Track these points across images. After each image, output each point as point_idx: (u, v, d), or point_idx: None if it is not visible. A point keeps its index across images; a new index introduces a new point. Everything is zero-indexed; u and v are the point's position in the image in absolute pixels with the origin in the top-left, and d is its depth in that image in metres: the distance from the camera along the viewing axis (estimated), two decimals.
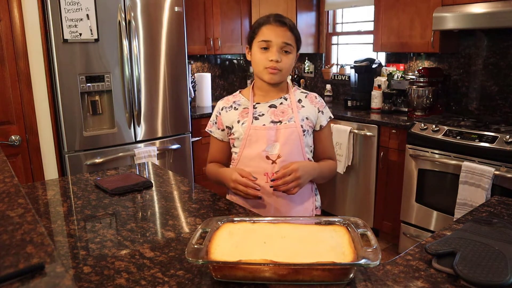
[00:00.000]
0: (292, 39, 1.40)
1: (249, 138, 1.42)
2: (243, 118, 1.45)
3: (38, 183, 1.65)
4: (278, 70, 1.39)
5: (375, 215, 3.17)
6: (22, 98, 2.57)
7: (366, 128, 3.09)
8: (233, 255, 0.91)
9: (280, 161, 1.40)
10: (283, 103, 1.47)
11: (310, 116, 1.46)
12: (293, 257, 0.91)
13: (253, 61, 1.44)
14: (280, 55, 1.38)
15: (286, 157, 1.41)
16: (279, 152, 1.41)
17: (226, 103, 1.54)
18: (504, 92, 2.94)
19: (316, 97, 1.52)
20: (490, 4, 2.50)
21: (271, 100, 1.47)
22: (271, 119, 1.43)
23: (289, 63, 1.41)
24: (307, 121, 1.45)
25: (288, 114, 1.44)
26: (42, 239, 0.69)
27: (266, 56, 1.38)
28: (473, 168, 2.40)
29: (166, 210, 1.38)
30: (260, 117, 1.44)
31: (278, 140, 1.41)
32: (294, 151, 1.42)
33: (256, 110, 1.46)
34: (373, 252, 0.88)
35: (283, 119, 1.43)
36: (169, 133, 3.15)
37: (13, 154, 2.59)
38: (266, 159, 1.41)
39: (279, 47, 1.38)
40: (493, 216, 1.24)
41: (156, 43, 2.97)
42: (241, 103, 1.50)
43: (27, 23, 2.52)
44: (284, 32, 1.38)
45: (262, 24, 1.41)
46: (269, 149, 1.41)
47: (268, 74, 1.40)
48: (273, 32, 1.38)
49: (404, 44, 3.12)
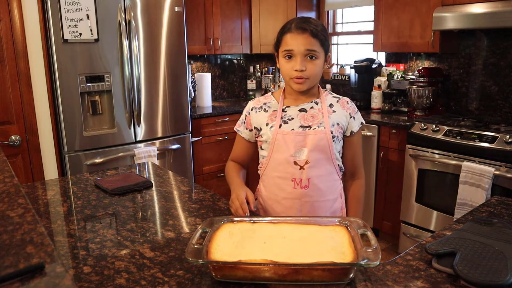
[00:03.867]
0: (317, 44, 1.34)
1: (276, 142, 1.40)
2: (272, 121, 1.42)
3: (38, 183, 1.66)
4: (305, 78, 1.35)
5: (375, 215, 3.17)
6: (22, 98, 2.57)
7: (366, 128, 3.09)
8: (233, 255, 0.91)
9: (308, 167, 1.38)
10: (313, 107, 1.43)
11: (341, 121, 1.43)
12: (293, 257, 0.91)
13: (281, 70, 1.41)
14: (304, 63, 1.34)
15: (314, 163, 1.38)
16: (307, 158, 1.38)
17: (256, 104, 1.50)
18: (504, 92, 2.94)
19: (348, 102, 1.48)
20: (490, 4, 2.50)
21: (301, 104, 1.44)
22: (301, 123, 1.40)
23: (316, 70, 1.36)
24: (338, 126, 1.41)
25: (318, 119, 1.40)
26: (42, 239, 0.69)
27: (291, 66, 1.35)
28: (473, 168, 2.40)
29: (166, 210, 1.38)
30: (290, 121, 1.41)
31: (306, 145, 1.38)
32: (323, 157, 1.39)
33: (285, 113, 1.43)
34: (373, 252, 0.88)
35: (313, 124, 1.39)
36: (169, 133, 3.15)
37: (13, 154, 2.59)
38: (294, 164, 1.38)
39: (303, 55, 1.33)
40: (493, 216, 1.24)
41: (156, 43, 2.97)
42: (272, 106, 1.46)
43: (27, 23, 2.52)
44: (306, 39, 1.33)
45: (284, 33, 1.37)
46: (297, 155, 1.38)
47: (295, 84, 1.37)
48: (294, 40, 1.33)
49: (404, 44, 3.12)
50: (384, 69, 3.52)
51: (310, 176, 1.38)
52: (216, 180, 3.57)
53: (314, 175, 1.39)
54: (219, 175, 3.56)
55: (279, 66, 1.42)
